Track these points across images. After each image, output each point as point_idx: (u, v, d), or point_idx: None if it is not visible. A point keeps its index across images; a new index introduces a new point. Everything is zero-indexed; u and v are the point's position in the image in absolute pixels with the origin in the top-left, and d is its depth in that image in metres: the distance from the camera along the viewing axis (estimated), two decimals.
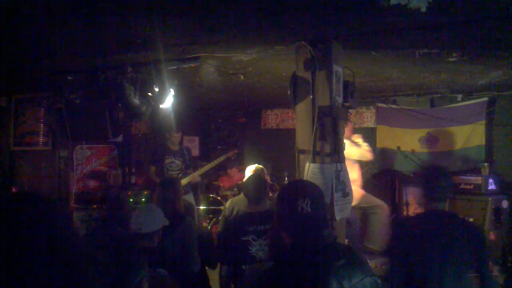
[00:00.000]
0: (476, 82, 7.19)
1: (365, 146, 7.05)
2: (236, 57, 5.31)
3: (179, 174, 7.13)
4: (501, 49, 5.23)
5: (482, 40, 4.89)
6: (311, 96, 4.39)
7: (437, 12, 3.81)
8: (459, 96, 8.22)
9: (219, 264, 4.45)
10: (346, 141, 6.79)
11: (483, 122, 7.93)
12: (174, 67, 5.22)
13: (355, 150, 6.91)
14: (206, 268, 4.84)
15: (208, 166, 7.51)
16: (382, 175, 8.76)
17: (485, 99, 7.96)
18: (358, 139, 7.09)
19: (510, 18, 4.10)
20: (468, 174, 7.37)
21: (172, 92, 5.50)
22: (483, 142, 7.95)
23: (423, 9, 3.66)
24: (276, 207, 2.42)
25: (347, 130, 6.91)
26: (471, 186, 7.22)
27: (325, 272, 2.10)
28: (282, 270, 2.20)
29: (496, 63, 5.90)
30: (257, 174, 4.98)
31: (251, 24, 4.26)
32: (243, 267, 3.97)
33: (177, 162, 7.27)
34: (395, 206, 8.34)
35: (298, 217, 2.23)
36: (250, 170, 5.63)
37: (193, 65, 5.20)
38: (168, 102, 5.54)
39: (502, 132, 7.85)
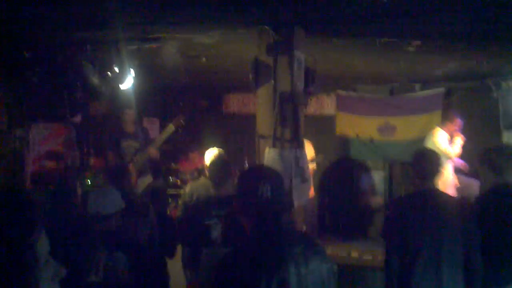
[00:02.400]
0: (434, 72, 7.35)
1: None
2: (198, 39, 5.27)
3: (135, 156, 6.96)
4: (458, 41, 5.35)
5: (440, 31, 4.99)
6: (272, 81, 4.40)
7: (398, 1, 3.86)
8: (418, 86, 8.37)
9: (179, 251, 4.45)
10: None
11: (440, 112, 8.10)
12: (135, 47, 5.13)
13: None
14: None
15: (159, 139, 7.24)
16: (340, 163, 8.86)
17: (442, 89, 8.12)
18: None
19: (467, 10, 4.20)
20: None
21: (132, 72, 5.41)
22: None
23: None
24: (236, 191, 2.42)
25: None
26: None
27: (283, 258, 2.12)
28: (240, 255, 2.21)
29: (453, 54, 6.04)
30: (221, 157, 4.95)
31: (214, 6, 4.23)
32: (204, 250, 3.97)
33: (133, 144, 7.06)
34: (353, 193, 8.47)
35: (258, 202, 2.24)
36: (210, 154, 5.61)
37: (154, 46, 5.13)
38: (128, 82, 5.45)
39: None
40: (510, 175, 3.76)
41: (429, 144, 6.93)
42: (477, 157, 4.11)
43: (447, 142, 6.92)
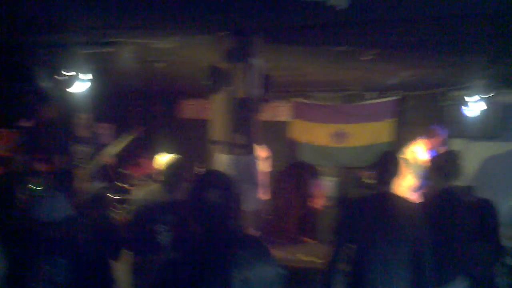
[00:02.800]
0: (387, 81, 7.51)
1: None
2: (156, 45, 5.22)
3: (88, 161, 6.83)
4: (412, 51, 5.49)
5: (394, 41, 5.10)
6: (228, 88, 4.40)
7: (354, 10, 3.93)
8: (371, 94, 8.54)
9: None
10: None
11: (393, 119, 8.29)
12: (91, 51, 5.04)
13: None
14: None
15: (114, 148, 7.15)
16: (293, 169, 8.91)
17: (396, 97, 8.33)
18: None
19: (420, 21, 4.32)
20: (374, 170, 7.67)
21: (88, 76, 5.31)
22: (392, 139, 8.31)
23: (341, 7, 3.77)
24: (187, 196, 2.42)
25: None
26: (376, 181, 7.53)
27: (227, 262, 2.13)
28: (185, 261, 2.20)
29: (406, 63, 6.19)
30: (174, 162, 4.90)
31: (173, 11, 4.20)
32: (152, 257, 3.92)
33: (86, 149, 6.94)
34: (304, 199, 8.51)
35: (205, 207, 2.24)
36: (164, 160, 5.56)
37: (111, 50, 5.05)
38: (83, 86, 5.34)
39: (410, 130, 8.24)
40: (456, 181, 3.92)
41: (406, 162, 7.06)
42: (428, 163, 4.25)
43: (421, 159, 7.03)
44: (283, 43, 5.22)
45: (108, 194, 7.65)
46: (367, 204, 3.71)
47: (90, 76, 5.40)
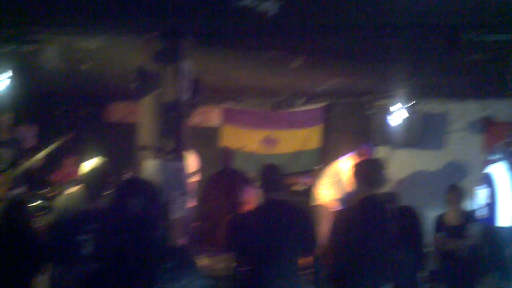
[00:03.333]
0: (315, 88, 7.65)
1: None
2: (81, 44, 5.05)
3: (9, 166, 6.51)
4: (339, 58, 5.63)
5: (323, 49, 5.21)
6: (157, 91, 4.32)
7: (283, 17, 3.98)
8: (300, 101, 8.66)
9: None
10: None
11: (320, 126, 8.46)
12: (11, 48, 4.80)
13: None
14: None
15: (40, 155, 6.87)
16: (223, 175, 8.91)
17: (323, 104, 8.50)
18: None
19: (348, 30, 4.43)
20: (303, 176, 7.79)
21: (8, 75, 5.06)
22: (319, 146, 8.46)
23: (271, 14, 3.80)
24: (107, 204, 2.34)
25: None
26: (304, 187, 7.69)
27: (151, 275, 2.08)
28: (107, 272, 2.13)
29: (334, 71, 6.34)
30: (99, 168, 4.74)
31: (99, 10, 4.08)
32: (73, 268, 3.76)
33: (7, 152, 6.60)
34: (234, 205, 8.53)
35: (127, 217, 2.18)
36: (90, 164, 5.37)
37: (32, 48, 4.84)
38: (3, 85, 5.10)
39: (336, 137, 8.43)
40: (378, 187, 4.03)
41: (332, 171, 7.25)
42: (352, 170, 4.34)
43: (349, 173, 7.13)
44: (214, 47, 5.20)
45: (27, 201, 7.31)
46: (255, 214, 3.87)
47: (9, 74, 5.15)
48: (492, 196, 5.13)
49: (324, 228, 6.25)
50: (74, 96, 9.19)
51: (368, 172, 4.02)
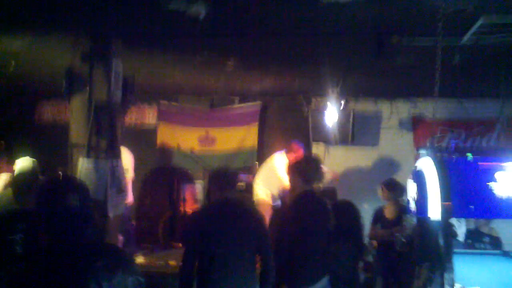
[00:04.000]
0: (251, 87, 7.70)
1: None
2: (6, 43, 4.87)
3: None
4: (272, 61, 5.71)
5: (255, 52, 5.26)
6: (86, 90, 4.23)
7: (215, 22, 3.99)
8: (237, 99, 8.70)
9: None
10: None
11: (256, 124, 8.52)
12: None
13: None
14: None
15: None
16: (160, 173, 8.83)
17: (259, 103, 8.56)
18: None
19: (280, 35, 4.51)
20: (240, 173, 7.83)
21: None
22: (256, 143, 8.53)
23: (200, 18, 3.81)
24: (36, 202, 2.27)
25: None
26: (243, 184, 7.73)
27: (83, 273, 2.03)
28: (34, 271, 2.07)
29: (268, 72, 6.40)
30: (27, 168, 4.58)
31: (26, 7, 3.95)
32: (7, 267, 3.63)
33: None
34: (173, 202, 8.50)
35: (57, 214, 2.12)
36: (20, 165, 5.19)
37: None
38: None
39: (272, 135, 8.52)
40: (315, 183, 4.13)
41: (266, 168, 7.33)
42: (289, 167, 4.41)
43: (283, 169, 7.23)
44: (148, 47, 5.15)
45: None
46: (211, 210, 3.91)
47: None
48: (422, 190, 5.31)
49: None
50: (2, 95, 8.82)
51: (305, 168, 4.11)
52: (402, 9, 3.81)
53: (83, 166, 4.18)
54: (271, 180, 7.23)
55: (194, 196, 8.41)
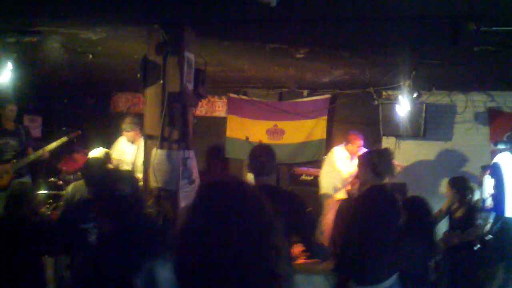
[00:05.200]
0: (320, 79, 7.63)
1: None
2: (84, 35, 5.06)
3: (14, 155, 6.55)
4: (343, 50, 5.61)
5: (326, 40, 5.19)
6: (161, 81, 4.32)
7: (287, 8, 3.95)
8: (305, 92, 8.66)
9: None
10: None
11: (325, 117, 8.46)
12: (13, 40, 4.79)
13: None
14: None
15: (47, 148, 6.90)
16: (230, 163, 8.94)
17: (328, 95, 8.49)
18: None
19: (350, 21, 4.41)
20: (309, 166, 7.80)
21: (10, 66, 5.06)
22: (324, 136, 8.46)
23: (273, 4, 3.77)
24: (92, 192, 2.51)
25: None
26: (312, 177, 7.70)
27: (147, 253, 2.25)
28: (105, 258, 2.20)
29: (338, 62, 6.31)
30: (98, 158, 4.76)
31: (101, 1, 4.07)
32: (81, 255, 3.79)
33: (12, 142, 6.61)
34: None
35: (112, 201, 2.26)
36: (95, 154, 5.40)
37: (34, 39, 4.83)
38: (5, 76, 5.10)
39: (341, 128, 8.42)
40: (387, 177, 4.02)
41: (328, 161, 7.36)
42: (359, 160, 4.33)
43: (342, 161, 7.22)
44: (218, 38, 5.19)
45: (32, 190, 7.33)
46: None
47: (11, 66, 5.15)
48: (499, 186, 5.09)
49: (329, 217, 6.30)
50: (79, 86, 9.21)
51: (377, 161, 4.01)
52: None
53: (156, 157, 4.28)
54: (332, 173, 7.21)
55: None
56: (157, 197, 4.21)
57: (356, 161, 7.09)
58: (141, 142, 6.17)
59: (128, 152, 6.35)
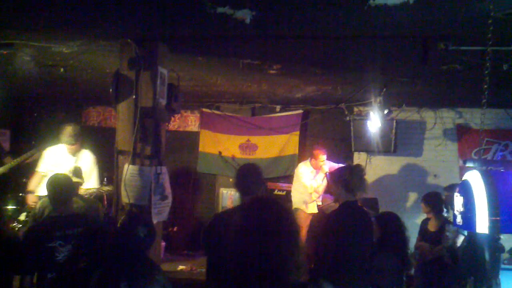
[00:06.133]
0: (293, 95, 7.68)
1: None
2: (56, 48, 5.00)
3: None
4: (315, 67, 5.67)
5: (299, 57, 5.24)
6: (134, 96, 4.29)
7: (260, 24, 3.98)
8: (278, 107, 8.71)
9: None
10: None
11: (298, 132, 8.51)
12: None
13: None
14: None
15: (13, 163, 6.72)
16: (203, 179, 8.91)
17: (301, 111, 8.55)
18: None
19: (323, 39, 4.47)
20: (281, 181, 7.82)
21: None
22: (297, 152, 8.50)
23: (247, 21, 3.80)
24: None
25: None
26: (284, 193, 7.72)
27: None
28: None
29: (310, 79, 6.37)
30: (60, 175, 4.63)
31: (74, 14, 4.04)
32: (49, 275, 3.69)
33: None
34: (214, 209, 8.57)
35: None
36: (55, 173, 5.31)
37: (5, 52, 4.75)
38: None
39: (313, 143, 8.47)
40: (359, 193, 4.05)
41: (295, 177, 7.50)
42: (331, 176, 4.35)
43: (307, 176, 7.30)
44: (191, 53, 5.19)
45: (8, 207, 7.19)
46: (228, 215, 3.76)
47: None
48: (469, 204, 5.17)
49: (303, 232, 6.32)
50: (50, 100, 9.07)
51: (348, 178, 4.04)
52: (449, 13, 3.70)
53: (128, 173, 4.23)
54: (300, 189, 7.31)
55: (233, 202, 8.45)
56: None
57: (321, 176, 7.25)
58: (83, 154, 6.20)
59: (64, 164, 5.95)
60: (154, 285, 2.72)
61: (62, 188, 4.03)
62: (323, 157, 7.28)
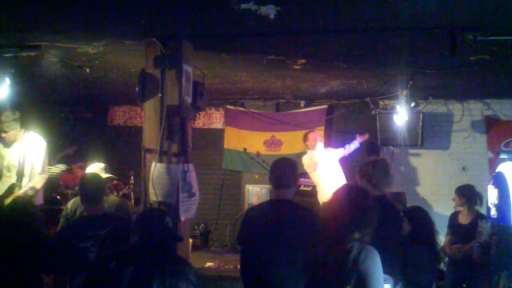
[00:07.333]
0: (317, 90, 7.64)
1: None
2: (82, 49, 5.05)
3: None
4: (340, 61, 5.61)
5: (324, 51, 5.19)
6: (159, 95, 4.31)
7: (285, 20, 3.96)
8: (302, 103, 8.67)
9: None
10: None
11: (322, 128, 8.45)
12: (11, 55, 4.76)
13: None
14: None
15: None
16: (228, 175, 8.93)
17: (325, 106, 8.50)
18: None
19: (349, 32, 4.42)
20: (307, 177, 7.79)
21: (7, 81, 5.04)
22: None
23: (272, 16, 3.78)
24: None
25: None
26: (310, 188, 7.67)
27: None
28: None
29: (335, 73, 6.32)
30: (92, 174, 4.68)
31: (99, 15, 4.07)
32: (80, 275, 3.72)
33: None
34: (240, 206, 8.59)
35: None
36: (92, 169, 5.37)
37: (33, 54, 4.81)
38: (2, 91, 5.08)
39: (338, 138, 8.42)
40: (385, 188, 3.99)
41: (309, 174, 7.56)
42: (357, 171, 4.30)
43: (313, 165, 7.42)
44: (215, 51, 5.19)
45: (33, 207, 7.24)
46: (263, 210, 3.78)
47: (8, 81, 5.10)
48: (503, 196, 5.08)
49: None
50: (76, 100, 9.18)
51: (371, 172, 3.98)
52: (477, 3, 3.62)
53: (155, 171, 4.25)
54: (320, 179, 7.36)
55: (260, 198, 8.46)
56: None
57: (319, 148, 7.25)
58: (25, 138, 5.64)
59: (8, 154, 5.53)
60: (185, 281, 2.75)
61: (92, 188, 4.06)
62: (313, 135, 7.44)
